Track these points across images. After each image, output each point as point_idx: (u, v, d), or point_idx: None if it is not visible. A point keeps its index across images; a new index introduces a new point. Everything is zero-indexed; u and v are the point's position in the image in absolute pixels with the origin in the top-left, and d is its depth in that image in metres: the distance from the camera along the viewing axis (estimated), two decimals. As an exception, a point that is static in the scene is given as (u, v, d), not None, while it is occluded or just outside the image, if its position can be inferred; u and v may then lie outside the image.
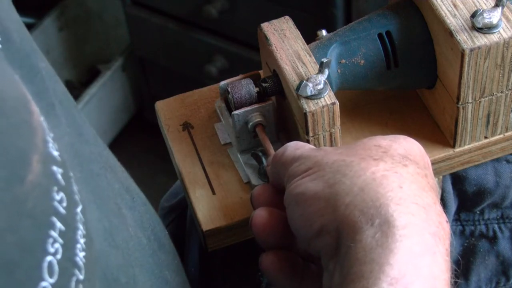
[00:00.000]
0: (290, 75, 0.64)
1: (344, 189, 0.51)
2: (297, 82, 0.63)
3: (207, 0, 1.57)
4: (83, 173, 0.51)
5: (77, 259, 0.42)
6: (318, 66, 0.63)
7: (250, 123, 0.67)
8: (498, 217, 0.74)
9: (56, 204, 0.41)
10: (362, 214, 0.49)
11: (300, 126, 0.64)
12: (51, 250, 0.40)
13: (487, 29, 0.62)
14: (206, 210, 0.67)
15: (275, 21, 0.68)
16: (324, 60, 0.62)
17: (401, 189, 0.50)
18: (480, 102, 0.66)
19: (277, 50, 0.66)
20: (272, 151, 0.65)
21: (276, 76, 0.66)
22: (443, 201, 0.72)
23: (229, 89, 0.67)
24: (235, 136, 0.69)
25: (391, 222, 0.49)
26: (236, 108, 0.67)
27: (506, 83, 0.65)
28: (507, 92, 0.66)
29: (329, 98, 0.63)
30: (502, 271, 0.75)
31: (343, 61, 0.67)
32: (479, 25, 0.62)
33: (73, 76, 1.96)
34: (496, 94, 0.66)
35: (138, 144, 1.98)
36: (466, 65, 0.63)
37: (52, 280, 0.39)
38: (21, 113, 0.41)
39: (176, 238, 0.78)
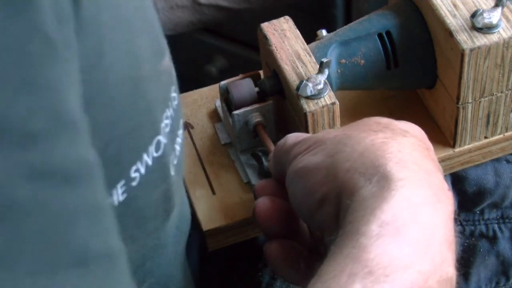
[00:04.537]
0: (290, 75, 0.64)
1: (344, 156, 0.51)
2: (297, 82, 0.63)
3: (207, 0, 1.56)
4: None
5: (176, 147, 0.53)
6: (318, 66, 0.63)
7: (250, 123, 0.67)
8: (498, 217, 0.74)
9: (172, 96, 0.51)
10: (362, 175, 0.49)
11: (300, 126, 0.64)
12: (165, 121, 0.50)
13: (487, 29, 0.62)
14: (206, 210, 0.67)
15: (275, 21, 0.68)
16: (324, 60, 0.62)
17: (401, 152, 0.50)
18: (480, 102, 0.66)
19: (277, 50, 0.66)
20: (272, 147, 0.65)
21: (276, 76, 0.66)
22: None
23: (229, 89, 0.67)
24: (235, 136, 0.69)
25: (389, 176, 0.48)
26: (236, 108, 0.67)
27: (506, 83, 0.65)
28: (507, 92, 0.66)
29: (329, 98, 0.63)
30: (502, 271, 0.75)
31: (343, 61, 0.67)
32: (479, 25, 0.62)
33: (73, 76, 1.96)
34: (496, 94, 0.66)
35: (138, 144, 1.98)
36: (466, 65, 0.63)
37: (165, 141, 0.50)
38: (160, 27, 0.51)
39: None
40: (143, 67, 0.47)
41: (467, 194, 0.72)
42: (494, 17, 0.62)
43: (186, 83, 1.10)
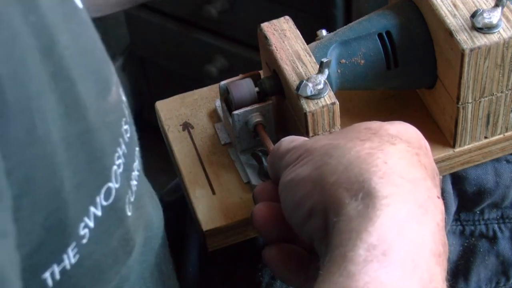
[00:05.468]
0: (290, 75, 0.64)
1: (329, 169, 0.51)
2: (297, 82, 0.63)
3: (207, 0, 1.57)
4: None
5: (132, 182, 0.51)
6: (318, 66, 0.63)
7: (250, 123, 0.67)
8: (498, 217, 0.74)
9: (123, 130, 0.49)
10: (346, 190, 0.49)
11: (300, 126, 0.64)
12: (117, 162, 0.48)
13: (487, 29, 0.62)
14: (206, 210, 0.67)
15: (275, 21, 0.68)
16: (324, 60, 0.62)
17: (386, 164, 0.50)
18: (480, 102, 0.66)
19: (277, 50, 0.66)
20: (272, 148, 0.65)
21: (276, 76, 0.66)
22: (443, 201, 0.72)
23: (229, 89, 0.67)
24: (235, 136, 0.69)
25: (373, 194, 0.48)
26: (236, 108, 0.67)
27: (506, 83, 0.65)
28: (507, 92, 0.66)
29: (329, 98, 0.63)
30: (502, 271, 0.75)
31: (343, 61, 0.67)
32: (479, 25, 0.62)
33: (73, 76, 1.95)
34: (496, 94, 0.66)
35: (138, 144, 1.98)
36: (466, 65, 0.63)
37: (116, 185, 0.48)
38: (105, 54, 0.49)
39: (175, 237, 0.78)
40: (86, 118, 0.45)
41: (467, 194, 0.72)
42: (494, 17, 0.62)
43: (186, 83, 1.10)
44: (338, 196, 0.49)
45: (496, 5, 0.63)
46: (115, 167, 0.47)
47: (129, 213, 0.50)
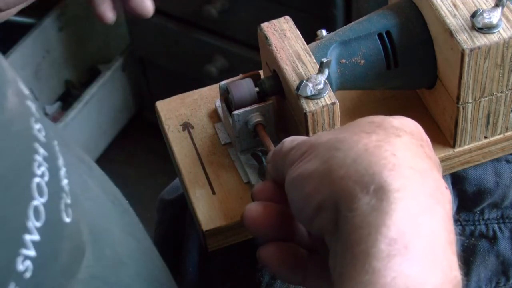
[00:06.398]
0: (290, 75, 0.64)
1: (337, 163, 0.51)
2: (297, 82, 0.63)
3: (207, 0, 1.57)
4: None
5: (63, 184, 0.45)
6: (318, 66, 0.63)
7: (250, 123, 0.67)
8: (498, 217, 0.74)
9: (36, 132, 0.43)
10: (357, 183, 0.49)
11: (300, 126, 0.64)
12: (38, 172, 0.42)
13: (487, 29, 0.62)
14: (206, 210, 0.67)
15: (275, 21, 0.68)
16: (324, 60, 0.62)
17: (395, 156, 0.50)
18: (480, 102, 0.66)
19: (277, 50, 0.66)
20: (272, 147, 0.65)
21: (276, 76, 0.67)
22: None
23: (229, 89, 0.67)
24: (235, 136, 0.69)
25: (385, 187, 0.48)
26: (236, 108, 0.67)
27: (506, 83, 0.65)
28: (507, 92, 0.66)
29: (329, 98, 0.63)
30: (502, 271, 0.75)
31: (343, 61, 0.67)
32: (479, 25, 0.62)
33: (73, 76, 1.96)
34: (496, 94, 0.66)
35: (138, 144, 1.98)
36: (466, 65, 0.63)
37: (43, 200, 0.42)
38: None
39: (175, 237, 0.78)
40: None
41: (467, 194, 0.72)
42: (494, 17, 0.62)
43: (186, 83, 1.10)
44: (348, 189, 0.49)
45: (496, 5, 0.63)
46: (37, 179, 0.42)
47: (67, 220, 0.45)
